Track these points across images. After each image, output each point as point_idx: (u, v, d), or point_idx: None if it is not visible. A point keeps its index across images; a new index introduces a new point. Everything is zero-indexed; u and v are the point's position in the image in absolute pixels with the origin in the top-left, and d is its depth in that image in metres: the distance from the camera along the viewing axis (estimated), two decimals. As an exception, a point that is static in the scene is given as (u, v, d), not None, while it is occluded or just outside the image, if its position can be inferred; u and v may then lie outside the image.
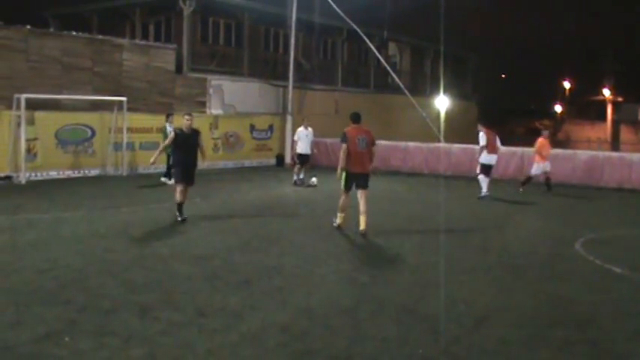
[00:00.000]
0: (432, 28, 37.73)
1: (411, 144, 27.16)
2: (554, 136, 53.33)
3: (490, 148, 18.69)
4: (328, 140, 25.91)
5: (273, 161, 29.04)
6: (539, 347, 6.80)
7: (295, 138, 21.64)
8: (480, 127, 19.28)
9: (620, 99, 64.07)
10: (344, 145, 12.63)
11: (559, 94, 68.67)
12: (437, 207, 16.42)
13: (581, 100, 68.05)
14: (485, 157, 18.74)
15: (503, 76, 69.14)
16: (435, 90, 40.19)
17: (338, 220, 13.15)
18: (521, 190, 20.17)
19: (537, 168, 20.57)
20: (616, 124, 61.13)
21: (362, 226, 12.54)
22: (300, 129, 21.41)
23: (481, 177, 18.83)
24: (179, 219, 13.53)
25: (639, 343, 7.05)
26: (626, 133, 59.07)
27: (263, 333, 6.98)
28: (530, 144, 22.55)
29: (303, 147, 21.16)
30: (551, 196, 19.62)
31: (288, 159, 27.73)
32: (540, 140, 20.95)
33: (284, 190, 20.00)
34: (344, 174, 12.71)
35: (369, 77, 39.63)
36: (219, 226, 13.44)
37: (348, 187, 12.83)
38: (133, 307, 7.67)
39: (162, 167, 20.98)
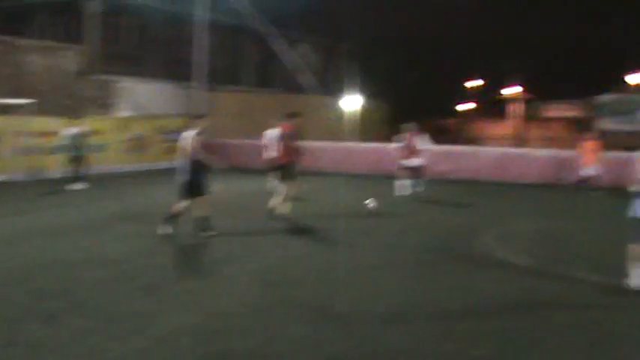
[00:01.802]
0: (342, 28, 38.04)
1: (322, 143, 27.24)
2: (463, 134, 54.30)
3: (409, 150, 18.93)
4: (235, 141, 25.82)
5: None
6: (451, 340, 6.90)
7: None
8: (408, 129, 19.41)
9: (525, 97, 65.62)
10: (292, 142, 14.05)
11: (467, 92, 69.84)
12: (348, 205, 16.52)
13: (490, 97, 69.39)
14: (406, 160, 18.98)
15: (413, 75, 69.99)
16: (344, 89, 40.43)
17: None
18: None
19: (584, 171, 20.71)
20: (523, 120, 62.61)
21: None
22: (269, 131, 19.56)
23: (400, 178, 19.05)
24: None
25: (546, 332, 7.20)
26: (530, 129, 60.53)
27: (174, 336, 6.89)
28: (440, 142, 22.91)
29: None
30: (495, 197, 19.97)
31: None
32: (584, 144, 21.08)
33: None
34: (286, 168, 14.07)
35: (278, 77, 39.63)
36: (129, 229, 13.23)
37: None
38: (40, 315, 7.47)
39: (63, 172, 20.41)
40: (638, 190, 9.00)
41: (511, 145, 46.80)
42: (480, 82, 69.95)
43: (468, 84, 70.05)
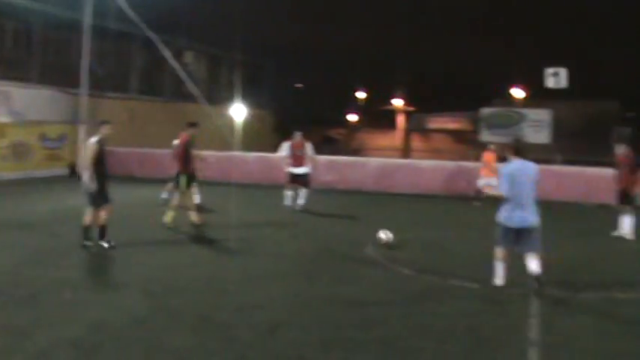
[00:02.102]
0: (228, 37, 37.94)
1: (206, 153, 27.08)
2: (347, 145, 54.92)
3: (295, 159, 18.78)
4: (122, 149, 25.41)
5: (65, 171, 28.04)
6: (333, 349, 6.99)
7: None
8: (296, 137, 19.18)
9: (410, 108, 66.93)
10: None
11: (353, 104, 70.70)
12: (231, 215, 16.49)
13: (375, 109, 70.40)
14: (290, 168, 18.83)
15: (298, 85, 70.36)
16: (231, 99, 40.30)
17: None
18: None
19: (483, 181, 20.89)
20: (407, 132, 63.87)
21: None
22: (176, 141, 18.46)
23: (288, 188, 18.91)
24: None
25: (426, 340, 7.38)
26: (415, 141, 61.80)
27: (52, 350, 6.73)
28: (326, 152, 23.15)
29: None
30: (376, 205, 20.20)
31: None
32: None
33: (77, 201, 19.36)
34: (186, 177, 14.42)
35: (164, 85, 39.21)
36: (7, 239, 12.85)
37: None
38: None
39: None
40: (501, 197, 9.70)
41: (396, 156, 47.63)
42: (367, 94, 70.93)
43: (358, 94, 70.96)
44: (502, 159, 12.16)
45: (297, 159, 18.86)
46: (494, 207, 10.12)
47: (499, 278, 9.89)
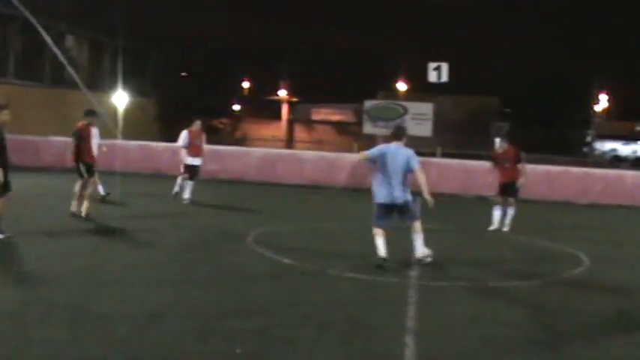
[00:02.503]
0: (112, 23, 37.12)
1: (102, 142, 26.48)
2: (232, 135, 54.65)
3: (193, 149, 18.18)
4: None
5: None
6: (212, 339, 6.96)
7: None
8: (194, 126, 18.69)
9: (295, 99, 67.19)
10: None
11: (238, 93, 70.43)
12: (111, 205, 16.22)
13: (259, 99, 70.35)
14: (187, 159, 18.22)
15: (184, 74, 69.59)
16: (114, 86, 39.45)
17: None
18: None
19: None
20: (291, 122, 64.11)
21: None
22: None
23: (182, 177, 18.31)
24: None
25: (305, 328, 7.44)
26: (299, 132, 62.13)
27: None
28: (209, 142, 22.95)
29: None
30: (230, 192, 20.13)
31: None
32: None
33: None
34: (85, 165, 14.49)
35: (44, 71, 38.06)
36: None
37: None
38: None
39: None
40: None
41: (280, 146, 47.73)
42: (252, 84, 70.80)
43: (244, 84, 70.71)
44: None
45: (195, 148, 18.31)
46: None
47: (380, 250, 10.68)
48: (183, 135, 18.33)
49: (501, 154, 16.10)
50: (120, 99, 36.18)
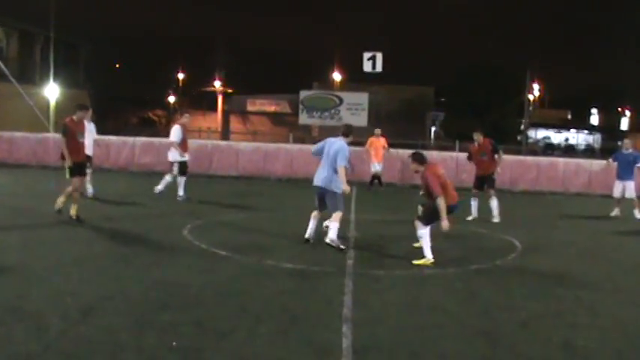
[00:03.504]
0: (42, 13, 36.46)
1: (18, 134, 26.00)
2: (166, 127, 54.18)
3: (183, 144, 17.62)
4: None
5: None
6: (146, 332, 6.88)
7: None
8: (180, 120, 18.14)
9: (230, 90, 66.96)
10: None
11: (173, 85, 69.91)
12: (43, 199, 15.92)
13: (194, 90, 69.95)
14: (180, 155, 17.61)
15: (117, 65, 68.77)
16: (45, 78, 38.74)
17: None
18: None
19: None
20: (226, 114, 63.85)
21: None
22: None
23: (169, 175, 17.85)
24: None
25: (241, 320, 7.40)
26: (235, 123, 61.93)
27: None
28: (144, 134, 22.78)
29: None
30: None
31: None
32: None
33: None
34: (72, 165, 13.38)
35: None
36: None
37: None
38: None
39: None
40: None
41: (215, 138, 47.49)
42: (187, 75, 70.34)
43: (179, 76, 70.20)
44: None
45: (185, 144, 17.79)
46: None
47: (307, 232, 11.95)
48: (177, 130, 17.54)
49: (477, 148, 16.44)
50: (51, 91, 35.66)
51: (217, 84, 65.30)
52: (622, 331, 7.81)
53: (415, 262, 10.75)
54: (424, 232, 10.98)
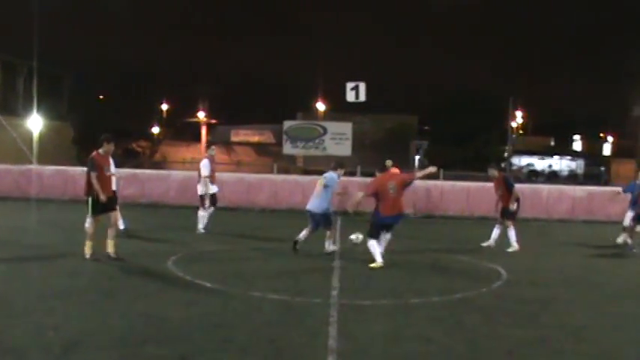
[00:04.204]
0: (25, 44, 36.43)
1: (1, 166, 25.88)
2: (151, 158, 54.11)
3: (212, 177, 17.43)
4: None
5: None
6: (131, 367, 6.85)
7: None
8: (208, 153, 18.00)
9: (214, 121, 67.00)
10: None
11: (157, 116, 69.83)
12: (26, 232, 15.83)
13: (178, 121, 69.93)
14: (212, 187, 17.47)
15: (101, 96, 68.72)
16: (28, 109, 38.63)
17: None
18: None
19: None
20: (210, 145, 63.88)
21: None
22: None
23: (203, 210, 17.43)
24: None
25: (227, 353, 7.36)
26: (219, 154, 61.91)
27: None
28: (127, 165, 22.71)
29: None
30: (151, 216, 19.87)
31: None
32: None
33: None
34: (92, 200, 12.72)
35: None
36: None
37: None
38: None
39: None
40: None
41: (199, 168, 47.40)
42: (171, 106, 70.33)
43: (163, 107, 70.18)
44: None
45: (214, 175, 17.68)
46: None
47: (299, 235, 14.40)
48: (207, 164, 17.40)
49: (495, 184, 16.77)
50: (35, 123, 35.54)
51: (201, 115, 65.31)
52: (607, 357, 7.84)
53: (370, 265, 12.82)
54: (371, 244, 13.15)
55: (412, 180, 14.25)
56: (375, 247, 13.06)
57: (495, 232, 16.67)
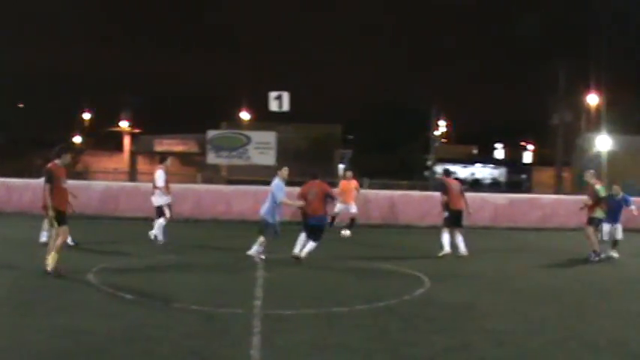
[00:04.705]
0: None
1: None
2: (72, 168, 53.10)
3: (166, 188, 17.26)
4: None
5: None
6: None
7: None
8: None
9: (137, 130, 66.16)
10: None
11: (78, 125, 68.65)
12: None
13: (100, 131, 68.89)
14: (165, 198, 17.28)
15: (20, 105, 67.29)
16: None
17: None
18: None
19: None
20: (133, 154, 63.04)
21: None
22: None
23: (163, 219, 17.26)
24: None
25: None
26: (142, 164, 61.19)
27: None
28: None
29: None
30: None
31: None
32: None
33: None
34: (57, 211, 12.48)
35: None
36: None
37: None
38: None
39: None
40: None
41: (122, 179, 46.77)
42: (93, 115, 69.27)
43: (85, 116, 69.06)
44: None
45: (168, 187, 17.52)
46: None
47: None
48: (162, 174, 17.26)
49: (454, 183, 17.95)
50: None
51: (124, 124, 64.43)
52: (528, 362, 7.99)
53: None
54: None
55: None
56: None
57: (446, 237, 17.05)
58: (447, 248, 16.69)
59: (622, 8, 52.70)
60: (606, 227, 17.66)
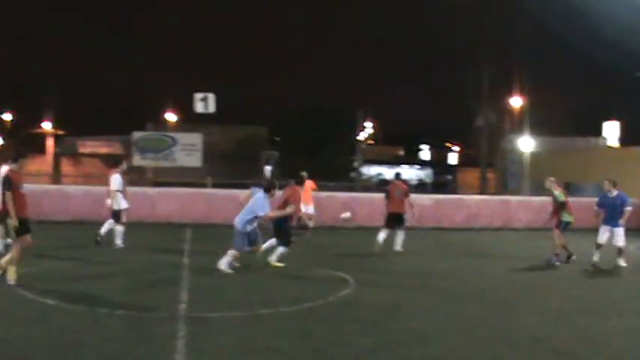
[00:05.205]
0: None
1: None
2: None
3: (124, 192, 17.20)
4: None
5: None
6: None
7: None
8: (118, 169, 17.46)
9: (61, 132, 65.01)
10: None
11: (3, 127, 67.22)
12: None
13: (23, 132, 67.47)
14: (124, 203, 17.12)
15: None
16: None
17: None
18: None
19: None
20: (57, 157, 61.93)
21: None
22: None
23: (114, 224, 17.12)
24: None
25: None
26: (66, 166, 60.19)
27: None
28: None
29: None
30: None
31: None
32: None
33: None
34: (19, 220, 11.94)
35: None
36: None
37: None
38: None
39: None
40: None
41: (45, 182, 45.84)
42: (14, 116, 67.83)
43: (6, 117, 67.57)
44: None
45: (125, 191, 17.41)
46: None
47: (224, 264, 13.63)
48: (118, 178, 17.08)
49: (400, 186, 18.35)
50: None
51: (47, 125, 63.21)
52: (454, 358, 8.11)
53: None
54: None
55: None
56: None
57: (382, 236, 17.59)
58: (379, 243, 17.37)
59: (545, 12, 53.90)
60: (603, 230, 16.59)
